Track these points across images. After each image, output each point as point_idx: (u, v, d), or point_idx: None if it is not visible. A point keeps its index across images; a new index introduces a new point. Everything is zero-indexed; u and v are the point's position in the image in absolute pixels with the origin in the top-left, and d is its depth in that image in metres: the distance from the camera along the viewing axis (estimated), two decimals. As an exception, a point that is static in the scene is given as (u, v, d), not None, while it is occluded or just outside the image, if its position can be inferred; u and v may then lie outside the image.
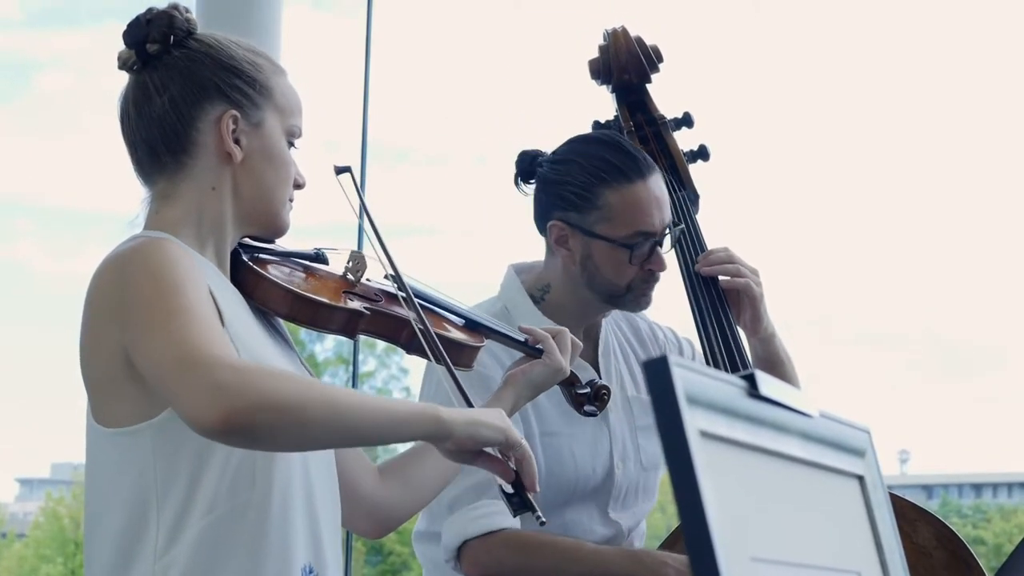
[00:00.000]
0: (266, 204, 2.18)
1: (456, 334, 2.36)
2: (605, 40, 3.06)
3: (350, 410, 1.93)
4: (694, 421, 1.16)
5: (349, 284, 2.28)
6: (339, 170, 2.27)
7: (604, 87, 3.08)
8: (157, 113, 2.15)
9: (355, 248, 2.34)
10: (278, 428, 1.88)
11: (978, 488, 54.86)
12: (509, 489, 2.10)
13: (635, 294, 2.83)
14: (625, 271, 2.80)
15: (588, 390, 2.48)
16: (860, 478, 1.53)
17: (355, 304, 2.23)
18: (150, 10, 2.18)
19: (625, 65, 3.02)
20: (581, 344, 2.46)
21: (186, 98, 2.14)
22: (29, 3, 64.13)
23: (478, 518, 2.70)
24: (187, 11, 2.21)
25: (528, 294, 2.88)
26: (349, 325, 2.23)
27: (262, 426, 1.86)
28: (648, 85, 3.05)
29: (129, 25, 2.18)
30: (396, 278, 2.28)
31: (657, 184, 2.81)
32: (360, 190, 2.27)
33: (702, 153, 3.04)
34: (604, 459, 2.87)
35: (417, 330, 2.25)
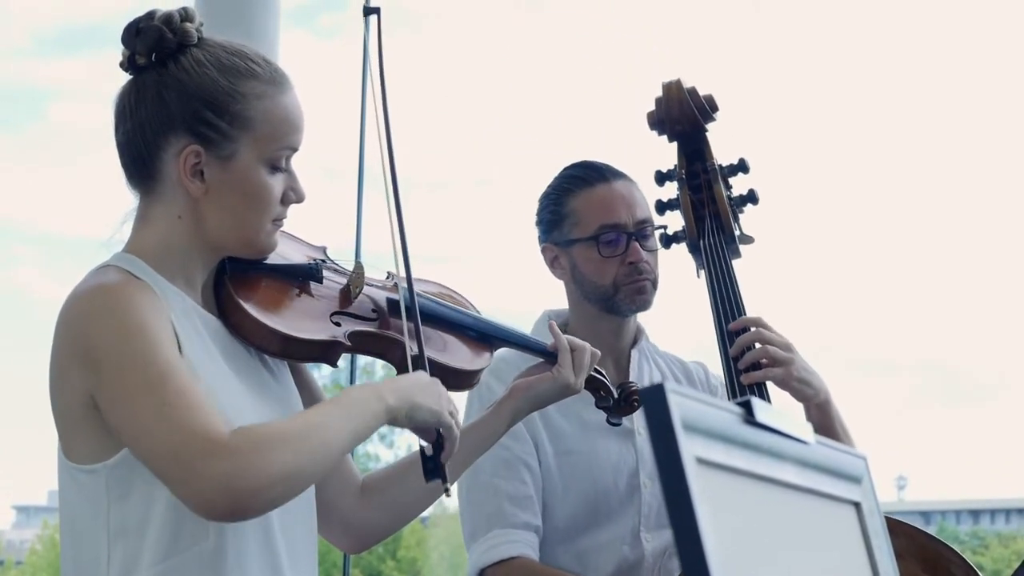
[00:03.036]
0: (236, 233, 2.12)
1: (454, 358, 2.31)
2: (661, 93, 3.15)
3: (329, 439, 1.98)
4: (691, 448, 1.16)
5: (344, 302, 2.23)
6: (368, 11, 2.22)
7: (663, 137, 3.16)
8: (127, 136, 2.11)
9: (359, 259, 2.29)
10: (285, 496, 1.96)
11: (976, 514, 54.72)
12: (429, 452, 2.15)
13: (624, 293, 2.92)
14: (604, 268, 2.91)
15: (609, 402, 2.49)
16: (856, 504, 1.53)
17: (338, 331, 2.18)
18: (149, 15, 2.12)
19: (679, 117, 3.12)
20: (599, 354, 2.45)
21: (152, 127, 2.09)
22: (41, 32, 64.24)
23: (491, 548, 2.82)
24: (184, 19, 2.12)
25: None
26: (328, 354, 2.18)
27: (271, 502, 1.94)
28: (706, 133, 3.15)
29: (126, 27, 2.12)
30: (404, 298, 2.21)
31: (624, 186, 2.96)
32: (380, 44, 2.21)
33: (751, 197, 3.12)
34: (628, 476, 2.93)
35: (409, 358, 2.20)
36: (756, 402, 1.29)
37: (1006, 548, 37.90)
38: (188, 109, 2.08)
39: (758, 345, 2.87)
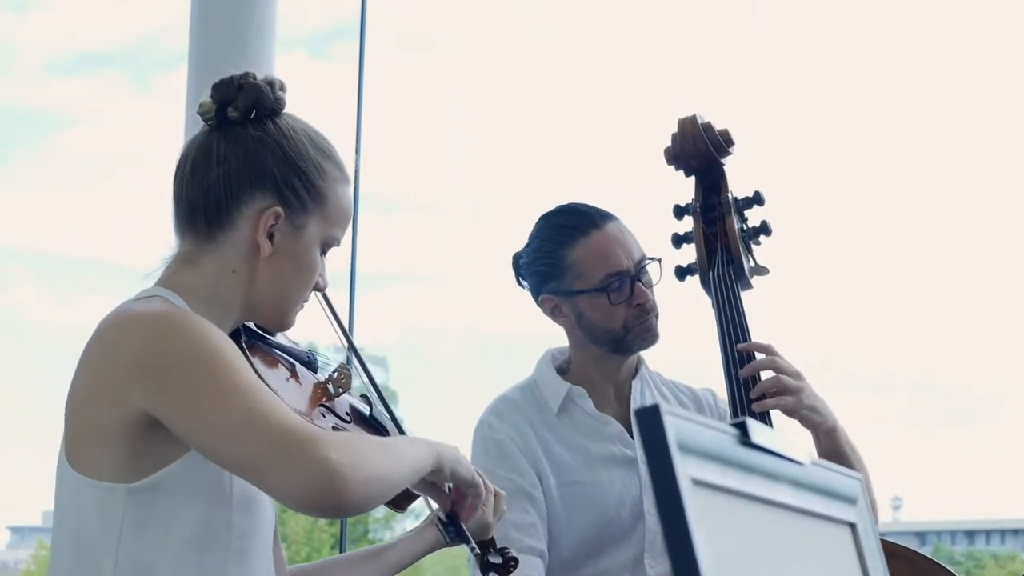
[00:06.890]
0: (278, 302, 2.16)
1: None
2: (677, 129, 3.17)
3: (405, 459, 2.04)
4: (686, 469, 1.16)
5: (328, 396, 2.25)
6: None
7: (680, 172, 3.19)
8: (210, 181, 2.13)
9: (345, 363, 2.32)
10: (378, 499, 2.00)
11: (971, 535, 54.65)
12: (444, 519, 2.25)
13: (635, 332, 2.99)
14: (613, 314, 2.97)
15: (500, 560, 2.36)
16: (852, 525, 1.53)
17: (323, 424, 2.18)
18: (246, 75, 2.18)
19: (694, 152, 3.15)
20: (503, 512, 2.38)
21: (241, 179, 2.12)
22: (46, 57, 64.31)
23: None
24: (282, 89, 2.19)
25: (556, 368, 3.08)
26: None
27: (369, 500, 1.97)
28: (723, 167, 3.17)
29: (222, 81, 2.17)
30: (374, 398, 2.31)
31: (615, 228, 3.02)
32: (333, 311, 2.30)
33: (764, 229, 3.16)
34: (632, 504, 2.98)
35: None
36: (752, 423, 1.29)
37: (1002, 569, 37.87)
38: (282, 171, 2.13)
39: (769, 373, 2.92)
